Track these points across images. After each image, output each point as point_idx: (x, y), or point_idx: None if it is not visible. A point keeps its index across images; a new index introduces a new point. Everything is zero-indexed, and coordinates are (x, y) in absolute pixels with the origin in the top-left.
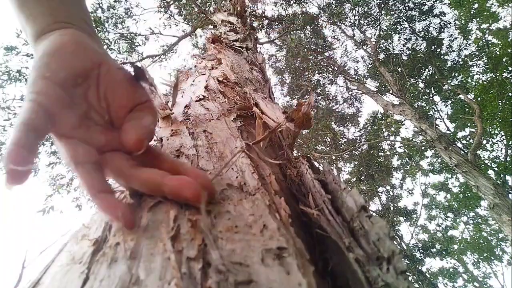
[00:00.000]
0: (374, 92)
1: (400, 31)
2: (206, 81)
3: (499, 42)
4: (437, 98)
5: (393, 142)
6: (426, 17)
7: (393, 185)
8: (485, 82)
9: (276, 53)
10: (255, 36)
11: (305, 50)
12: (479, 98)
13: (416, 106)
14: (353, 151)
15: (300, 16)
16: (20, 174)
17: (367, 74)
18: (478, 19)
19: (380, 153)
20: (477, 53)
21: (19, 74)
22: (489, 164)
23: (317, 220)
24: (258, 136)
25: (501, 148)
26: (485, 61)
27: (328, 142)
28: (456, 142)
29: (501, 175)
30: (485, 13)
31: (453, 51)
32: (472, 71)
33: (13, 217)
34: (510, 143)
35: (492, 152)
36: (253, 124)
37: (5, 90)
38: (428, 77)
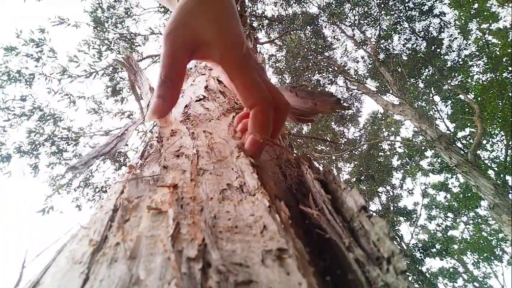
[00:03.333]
0: (374, 92)
1: (400, 31)
2: (206, 81)
3: (499, 42)
4: (437, 98)
5: (393, 142)
6: (426, 17)
7: (393, 185)
8: (485, 82)
9: (276, 53)
10: (255, 36)
11: (305, 50)
12: (479, 98)
13: (416, 106)
14: (353, 151)
15: (300, 16)
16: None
17: (367, 74)
18: (478, 19)
19: (380, 153)
20: (477, 53)
21: (19, 75)
22: (489, 164)
23: (317, 220)
24: None
25: (501, 148)
26: (485, 61)
27: (328, 142)
28: (456, 142)
29: (501, 175)
30: (485, 13)
31: (453, 51)
32: (472, 71)
33: (13, 217)
34: (510, 143)
35: (492, 152)
36: None
37: (5, 91)
38: (428, 77)
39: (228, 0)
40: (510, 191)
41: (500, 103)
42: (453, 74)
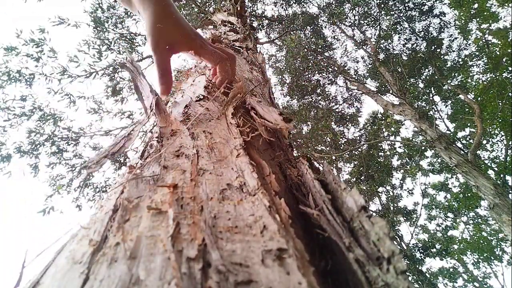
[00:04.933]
0: (374, 92)
1: (400, 31)
2: (206, 81)
3: (499, 42)
4: (437, 98)
5: (393, 142)
6: (426, 17)
7: (393, 185)
8: (485, 82)
9: (276, 53)
10: (255, 36)
11: (305, 50)
12: (479, 98)
13: (416, 106)
14: (353, 151)
15: (300, 16)
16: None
17: (367, 74)
18: (478, 19)
19: (380, 153)
20: (477, 53)
21: (19, 75)
22: (489, 164)
23: (317, 220)
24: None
25: (501, 148)
26: (485, 61)
27: (328, 142)
28: (456, 142)
29: (501, 175)
30: (485, 13)
31: (453, 51)
32: (472, 71)
33: (13, 217)
34: (510, 143)
35: (492, 152)
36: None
37: (5, 91)
38: (428, 77)
39: (174, 9)
40: (510, 191)
41: (500, 103)
42: (453, 74)
